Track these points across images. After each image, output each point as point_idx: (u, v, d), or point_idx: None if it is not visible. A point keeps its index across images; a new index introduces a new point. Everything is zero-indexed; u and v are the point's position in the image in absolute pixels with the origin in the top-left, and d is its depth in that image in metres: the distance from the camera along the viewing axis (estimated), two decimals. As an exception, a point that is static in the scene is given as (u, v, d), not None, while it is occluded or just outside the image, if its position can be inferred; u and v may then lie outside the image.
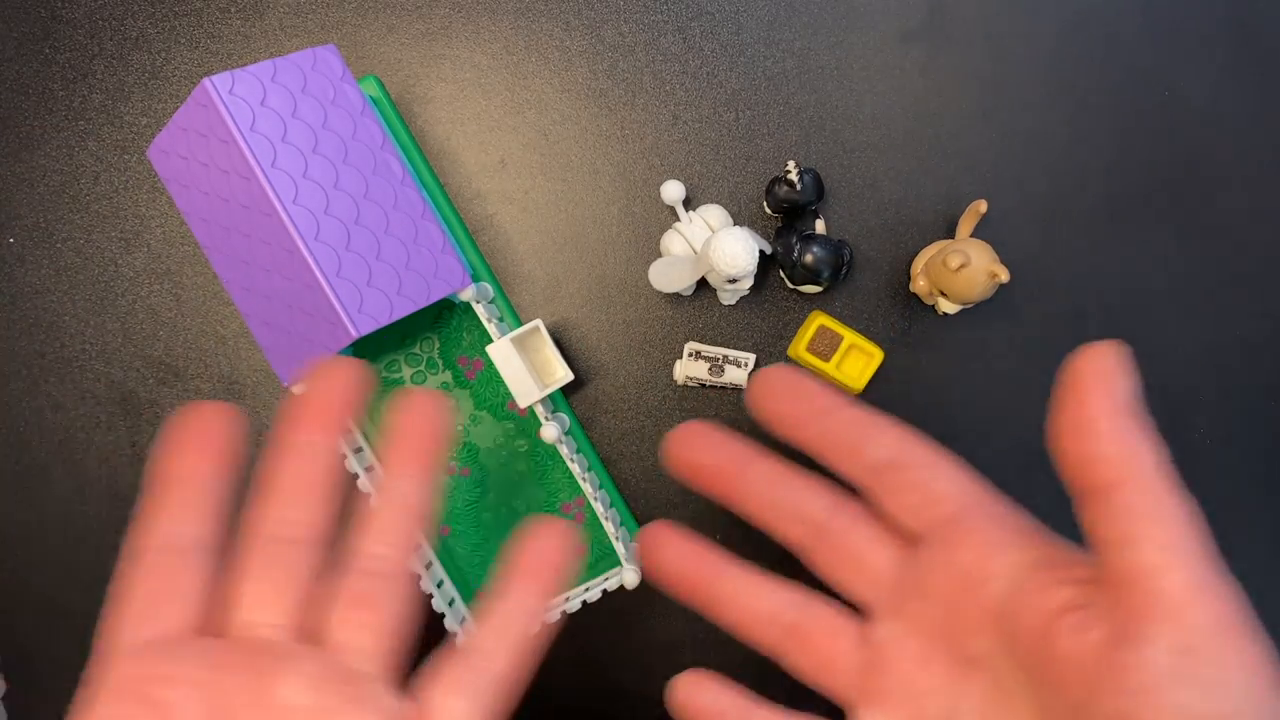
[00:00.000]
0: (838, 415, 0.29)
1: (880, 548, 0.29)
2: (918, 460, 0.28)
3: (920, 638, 0.28)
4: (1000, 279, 0.38)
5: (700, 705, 0.31)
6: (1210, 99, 0.43)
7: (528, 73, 0.43)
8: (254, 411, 0.44)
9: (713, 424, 0.30)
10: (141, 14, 0.44)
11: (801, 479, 0.30)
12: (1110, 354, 0.25)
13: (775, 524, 0.30)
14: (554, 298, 0.44)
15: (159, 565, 0.27)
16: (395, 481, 0.29)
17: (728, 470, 0.30)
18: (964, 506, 0.28)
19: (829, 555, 0.30)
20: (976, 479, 0.28)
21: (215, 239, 0.37)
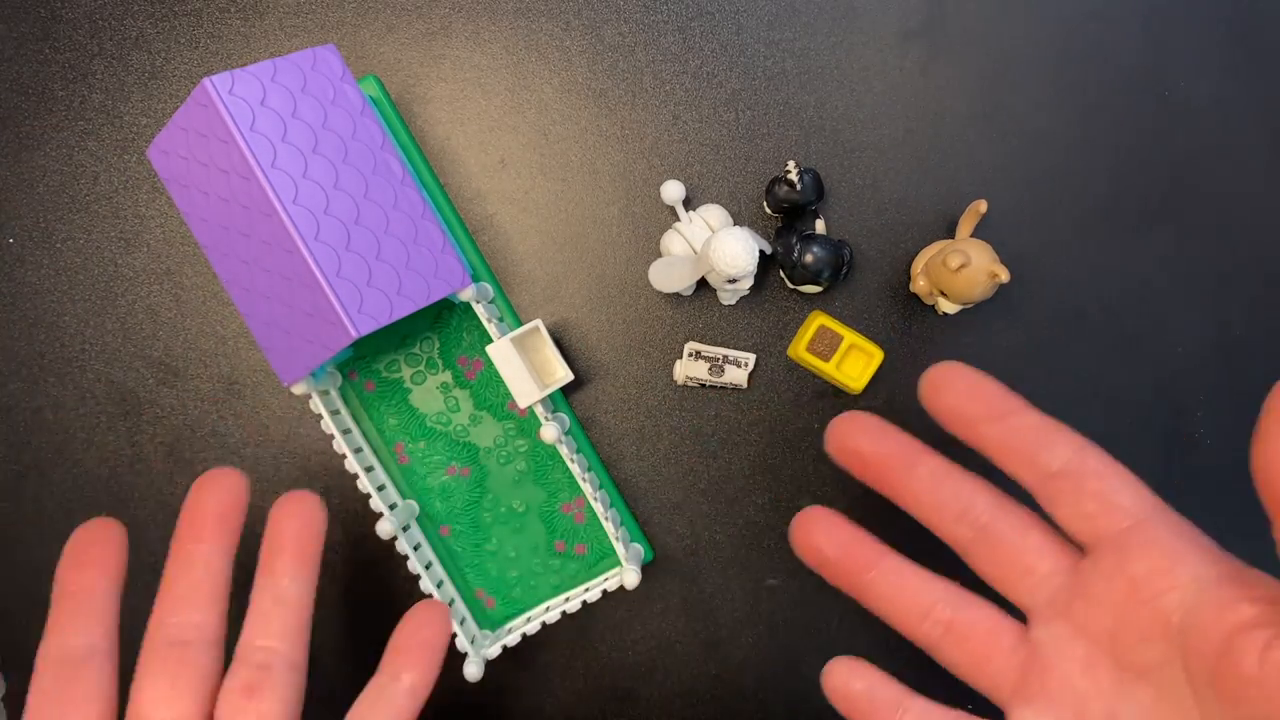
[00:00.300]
0: (1017, 419, 0.30)
1: (1046, 553, 0.30)
2: (1095, 470, 0.29)
3: (1085, 642, 0.29)
4: (1000, 279, 0.38)
5: (854, 691, 0.32)
6: (1210, 99, 0.43)
7: (528, 73, 0.44)
8: (254, 411, 0.44)
9: (875, 416, 0.31)
10: (141, 14, 0.44)
11: (968, 479, 0.31)
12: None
13: (939, 523, 0.31)
14: (554, 298, 0.44)
15: (59, 675, 0.31)
16: (277, 580, 0.33)
17: (895, 464, 0.31)
18: (1141, 518, 0.28)
19: (992, 556, 0.30)
20: (1151, 491, 0.29)
21: (215, 239, 0.37)
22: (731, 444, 0.44)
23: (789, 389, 0.43)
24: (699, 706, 0.44)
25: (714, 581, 0.44)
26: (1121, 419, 0.44)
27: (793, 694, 0.44)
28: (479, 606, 0.43)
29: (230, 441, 0.44)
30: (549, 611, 0.41)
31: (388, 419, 0.43)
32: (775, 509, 0.44)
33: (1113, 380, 0.43)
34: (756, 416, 0.44)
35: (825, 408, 0.43)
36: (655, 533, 0.44)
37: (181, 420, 0.44)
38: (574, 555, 0.43)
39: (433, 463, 0.43)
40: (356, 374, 0.43)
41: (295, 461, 0.44)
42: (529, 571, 0.43)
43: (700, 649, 0.44)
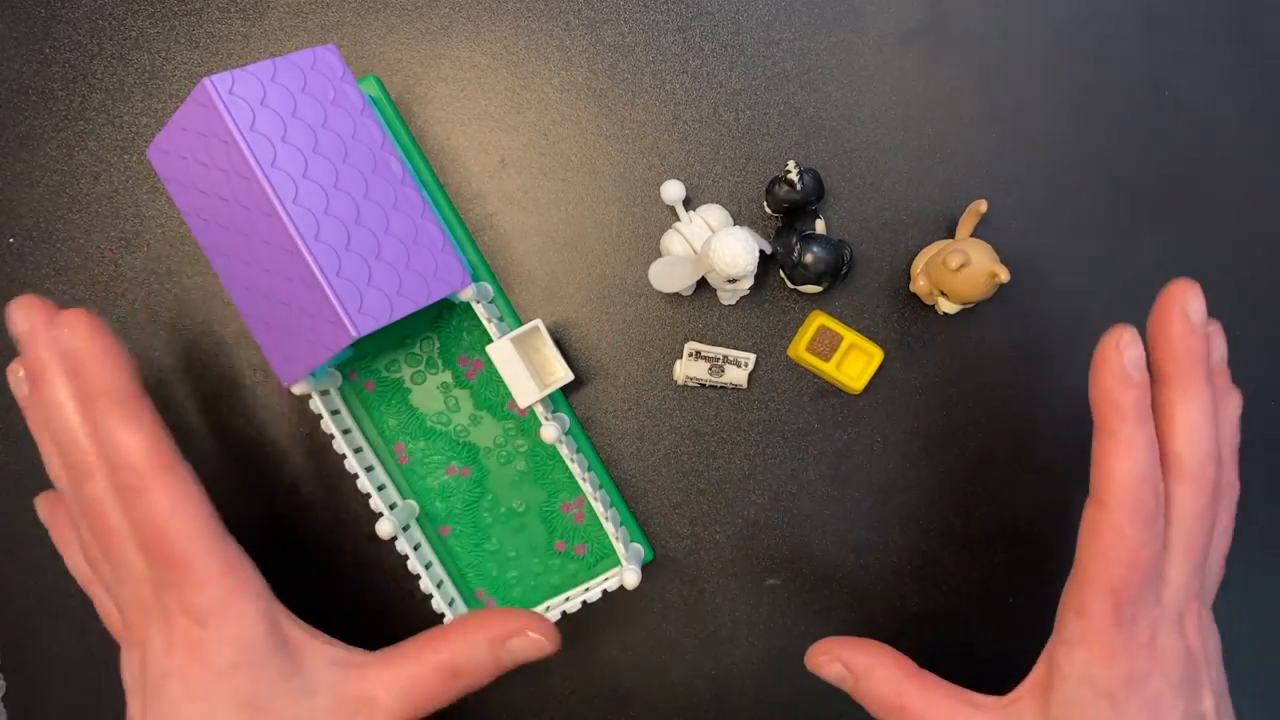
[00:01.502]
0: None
1: None
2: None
3: None
4: (1000, 279, 0.38)
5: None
6: (1210, 99, 0.43)
7: (528, 73, 0.44)
8: (254, 411, 0.44)
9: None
10: (141, 14, 0.44)
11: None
12: None
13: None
14: (554, 298, 0.44)
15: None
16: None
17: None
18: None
19: None
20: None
21: (215, 239, 0.37)
22: (731, 444, 0.44)
23: (789, 389, 0.43)
24: (699, 706, 0.44)
25: (714, 581, 0.44)
26: (1121, 419, 0.43)
27: (793, 694, 0.44)
28: (479, 606, 0.43)
29: (230, 441, 0.44)
30: (549, 611, 0.41)
31: (388, 419, 0.43)
32: (775, 509, 0.44)
33: (1113, 380, 0.43)
34: (756, 416, 0.44)
35: (825, 408, 0.43)
36: (655, 533, 0.44)
37: (182, 420, 0.44)
38: (574, 555, 0.43)
39: (433, 463, 0.43)
40: (356, 374, 0.43)
41: (295, 461, 0.44)
42: (529, 571, 0.43)
43: (700, 649, 0.44)
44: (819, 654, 0.36)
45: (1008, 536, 0.44)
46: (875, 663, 0.35)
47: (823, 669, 0.36)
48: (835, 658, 0.36)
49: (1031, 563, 0.44)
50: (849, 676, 0.35)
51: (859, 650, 0.36)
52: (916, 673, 0.35)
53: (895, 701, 0.34)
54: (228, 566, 0.33)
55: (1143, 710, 0.31)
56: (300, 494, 0.44)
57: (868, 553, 0.44)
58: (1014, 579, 0.44)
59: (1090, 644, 0.31)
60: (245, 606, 0.33)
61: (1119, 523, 0.30)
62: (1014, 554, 0.44)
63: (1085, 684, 0.31)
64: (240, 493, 0.44)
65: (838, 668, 0.36)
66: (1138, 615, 0.31)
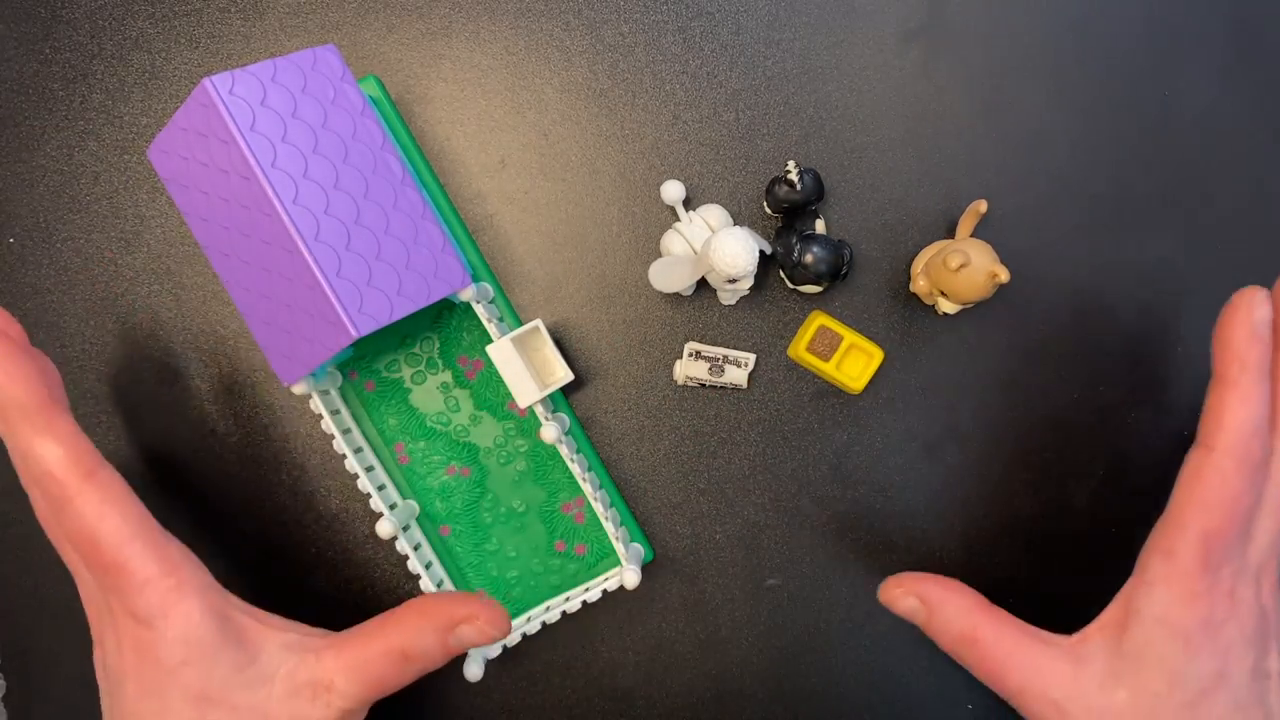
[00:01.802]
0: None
1: None
2: None
3: None
4: (1000, 279, 0.38)
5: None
6: (1210, 99, 0.43)
7: (528, 73, 0.44)
8: (254, 411, 0.44)
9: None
10: (141, 14, 0.44)
11: None
12: None
13: None
14: (554, 298, 0.44)
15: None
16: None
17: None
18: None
19: None
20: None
21: (215, 239, 0.37)
22: (731, 444, 0.44)
23: (789, 389, 0.43)
24: (699, 706, 0.44)
25: (714, 581, 0.44)
26: (1122, 419, 0.44)
27: (793, 694, 0.44)
28: (479, 606, 0.43)
29: (230, 441, 0.44)
30: (549, 611, 0.41)
31: (388, 419, 0.43)
32: (775, 509, 0.44)
33: (1113, 380, 0.43)
34: (756, 416, 0.44)
35: (825, 408, 0.43)
36: (655, 533, 0.44)
37: (181, 420, 0.44)
38: (574, 555, 0.43)
39: (433, 463, 0.43)
40: (356, 374, 0.43)
41: (295, 461, 0.44)
42: (529, 571, 0.43)
43: (700, 649, 0.44)
44: (894, 587, 0.37)
45: (1008, 536, 0.44)
46: (949, 596, 0.36)
47: (897, 602, 0.37)
48: (910, 591, 0.36)
49: (1031, 563, 0.44)
50: (922, 609, 0.36)
51: (934, 584, 0.36)
52: (988, 606, 0.36)
53: (969, 634, 0.35)
54: (166, 566, 0.33)
55: (1214, 656, 0.32)
56: (300, 494, 0.44)
57: (868, 552, 0.44)
58: (1014, 579, 0.44)
59: (1173, 585, 0.32)
60: (189, 605, 0.33)
61: (1224, 469, 0.31)
62: (1014, 554, 0.44)
63: (1162, 624, 0.32)
64: (240, 493, 0.44)
65: (912, 601, 0.36)
66: (1224, 563, 0.32)
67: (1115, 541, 0.44)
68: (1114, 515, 0.44)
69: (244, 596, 0.43)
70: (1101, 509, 0.44)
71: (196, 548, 0.42)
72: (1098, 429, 0.43)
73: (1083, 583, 0.44)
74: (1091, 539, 0.44)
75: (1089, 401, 0.43)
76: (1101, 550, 0.44)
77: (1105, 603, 0.35)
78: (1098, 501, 0.44)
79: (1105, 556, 0.43)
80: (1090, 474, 0.44)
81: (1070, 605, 0.43)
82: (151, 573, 0.32)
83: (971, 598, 0.36)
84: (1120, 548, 0.44)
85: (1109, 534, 0.44)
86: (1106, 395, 0.43)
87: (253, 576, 0.44)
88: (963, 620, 0.35)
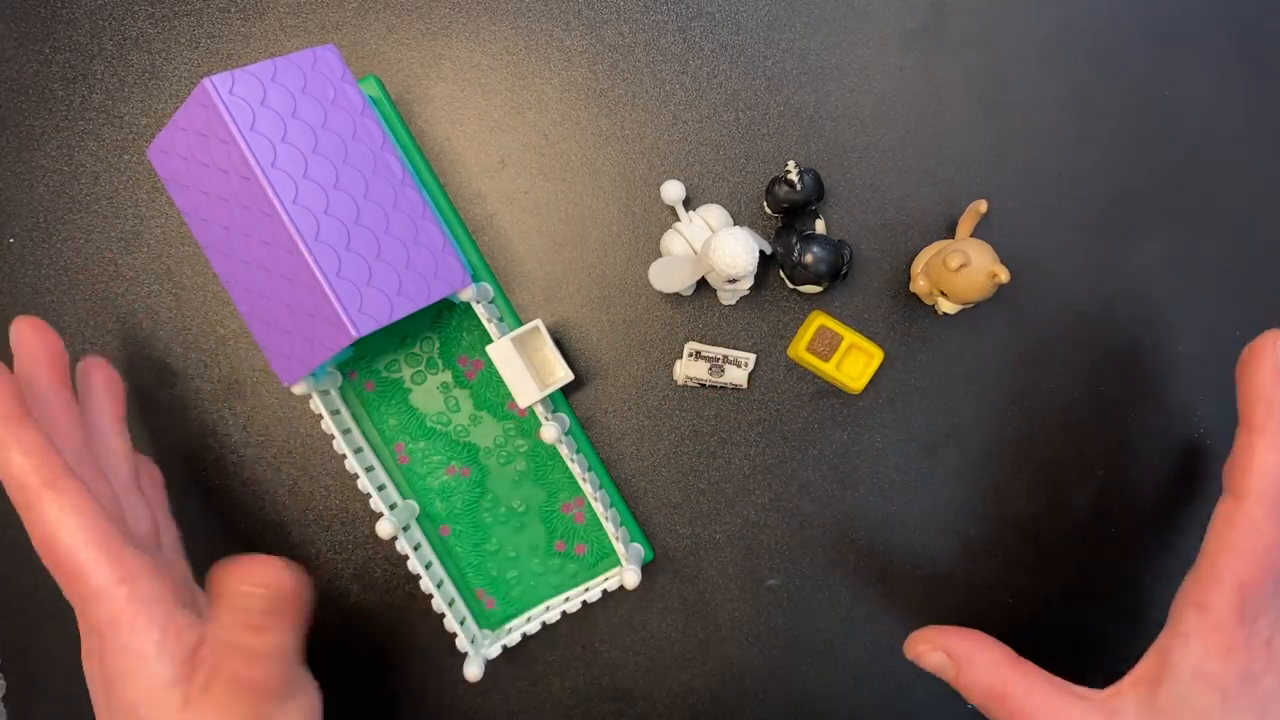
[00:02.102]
0: None
1: None
2: None
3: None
4: (1000, 279, 0.38)
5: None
6: (1210, 99, 0.43)
7: (528, 73, 0.44)
8: (254, 411, 0.44)
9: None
10: (141, 14, 0.44)
11: None
12: None
13: None
14: (554, 298, 0.44)
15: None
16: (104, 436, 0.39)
17: None
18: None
19: None
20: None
21: (215, 239, 0.37)
22: (731, 444, 0.44)
23: (789, 389, 0.43)
24: (699, 706, 0.44)
25: (714, 581, 0.44)
26: (1122, 419, 0.44)
27: (792, 694, 0.44)
28: (479, 606, 0.43)
29: (230, 441, 0.44)
30: (549, 611, 0.41)
31: (388, 419, 0.43)
32: (775, 509, 0.44)
33: (1113, 380, 0.43)
34: (756, 416, 0.44)
35: (825, 408, 0.43)
36: (655, 533, 0.44)
37: (181, 420, 0.44)
38: (574, 555, 0.43)
39: (433, 463, 0.43)
40: (356, 374, 0.43)
41: (295, 461, 0.44)
42: (529, 571, 0.43)
43: (700, 649, 0.44)
44: (921, 643, 0.36)
45: (1008, 536, 0.44)
46: (977, 651, 0.35)
47: (924, 658, 0.36)
48: (937, 646, 0.36)
49: (1031, 563, 0.44)
50: (950, 666, 0.36)
51: (961, 639, 0.36)
52: (1018, 661, 0.35)
53: (999, 689, 0.34)
54: (120, 575, 0.33)
55: (1253, 709, 0.31)
56: (300, 494, 0.44)
57: (868, 553, 0.44)
58: (1013, 579, 0.44)
59: (1208, 638, 0.31)
60: (137, 617, 0.33)
61: (1256, 518, 0.30)
62: (1014, 554, 0.44)
63: (1199, 678, 0.31)
64: (240, 493, 0.44)
65: (940, 656, 0.36)
66: (1260, 614, 0.31)
67: (1115, 541, 0.44)
68: (1114, 515, 0.44)
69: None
70: (1101, 509, 0.44)
71: (195, 548, 0.42)
72: (1098, 429, 0.43)
73: (1082, 583, 0.44)
74: (1091, 539, 0.44)
75: (1089, 401, 0.43)
76: (1101, 550, 0.44)
77: (1105, 604, 0.35)
78: (1098, 501, 0.44)
79: (1105, 556, 0.43)
80: (1090, 474, 0.44)
81: (1070, 606, 0.43)
82: (104, 581, 0.32)
83: (999, 651, 0.35)
84: (1120, 548, 0.44)
85: (1109, 534, 0.44)
86: (1106, 395, 0.43)
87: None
88: (991, 675, 0.34)
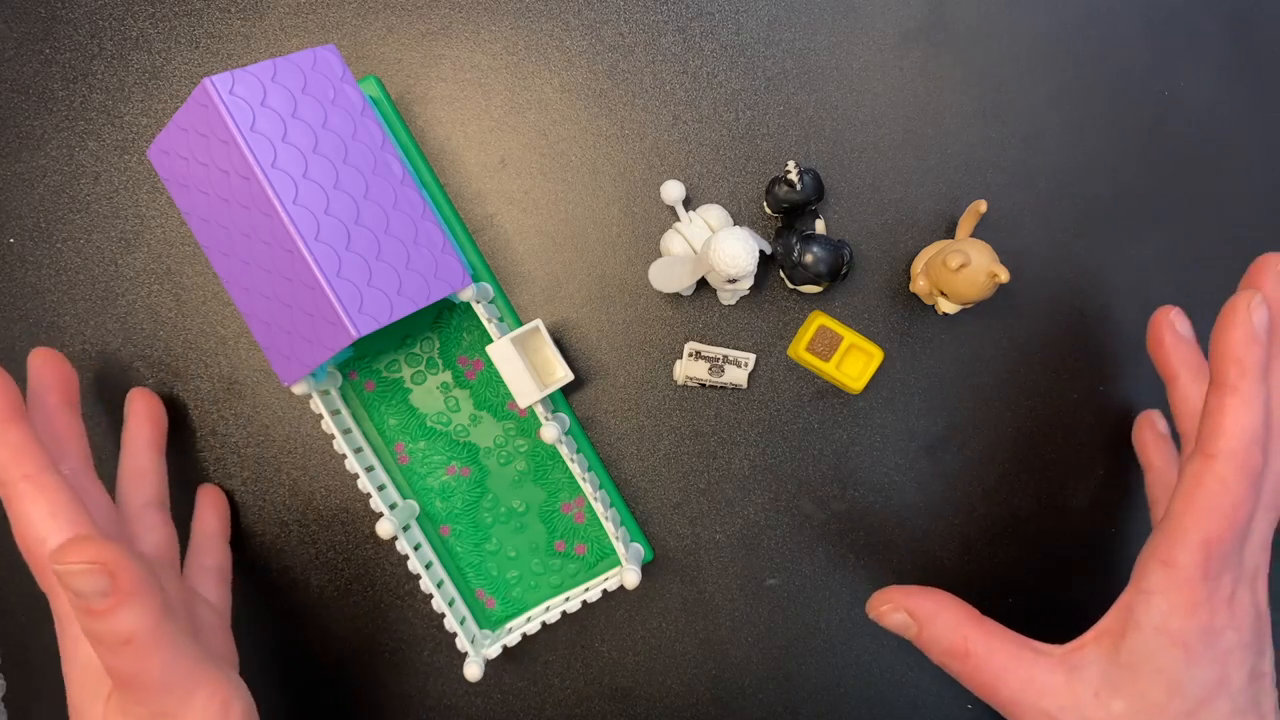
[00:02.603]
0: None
1: None
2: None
3: None
4: (1000, 279, 0.38)
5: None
6: (1210, 99, 0.43)
7: (528, 73, 0.44)
8: (254, 411, 0.44)
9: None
10: (142, 14, 0.44)
11: None
12: None
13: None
14: (554, 298, 0.44)
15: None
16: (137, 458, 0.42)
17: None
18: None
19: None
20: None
21: (215, 239, 0.37)
22: (731, 444, 0.44)
23: (789, 389, 0.43)
24: (699, 706, 0.44)
25: (714, 581, 0.44)
26: (1121, 419, 0.44)
27: (793, 694, 0.44)
28: (479, 606, 0.43)
29: (230, 441, 0.44)
30: (549, 611, 0.41)
31: (388, 419, 0.43)
32: (775, 509, 0.44)
33: (1113, 380, 0.43)
34: (756, 416, 0.44)
35: (825, 408, 0.43)
36: (655, 533, 0.44)
37: (182, 420, 0.44)
38: (574, 555, 0.43)
39: (433, 463, 0.43)
40: (356, 374, 0.43)
41: (295, 461, 0.44)
42: (529, 571, 0.43)
43: (700, 649, 0.44)
44: (882, 603, 0.36)
45: (1008, 536, 0.44)
46: (938, 610, 0.35)
47: (885, 618, 0.36)
48: (898, 606, 0.36)
49: (1031, 563, 0.44)
50: (912, 624, 0.36)
51: (923, 597, 0.36)
52: (980, 619, 0.35)
53: (960, 646, 0.34)
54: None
55: (1214, 663, 0.31)
56: (300, 494, 0.44)
57: (868, 553, 0.44)
58: (1014, 579, 0.44)
59: (1172, 595, 0.31)
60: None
61: (1225, 477, 0.31)
62: (1014, 554, 0.44)
63: (1162, 633, 0.32)
64: (240, 493, 0.44)
65: (901, 616, 0.36)
66: (1224, 571, 0.31)
67: (1115, 541, 0.44)
68: (1114, 515, 0.44)
69: (242, 597, 0.43)
70: (1101, 509, 0.44)
71: (196, 548, 0.42)
72: (1098, 429, 0.43)
73: (1082, 583, 0.44)
74: (1091, 539, 0.44)
75: (1089, 401, 0.43)
76: (1101, 550, 0.44)
77: (1105, 603, 0.35)
78: (1098, 501, 0.44)
79: (1105, 556, 0.43)
80: (1090, 474, 0.44)
81: (1070, 606, 0.43)
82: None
83: (961, 610, 0.35)
84: (1120, 548, 0.44)
85: (1109, 534, 0.44)
86: (1106, 395, 0.43)
87: (252, 577, 0.44)
88: (954, 634, 0.35)
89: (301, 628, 0.44)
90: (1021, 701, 0.33)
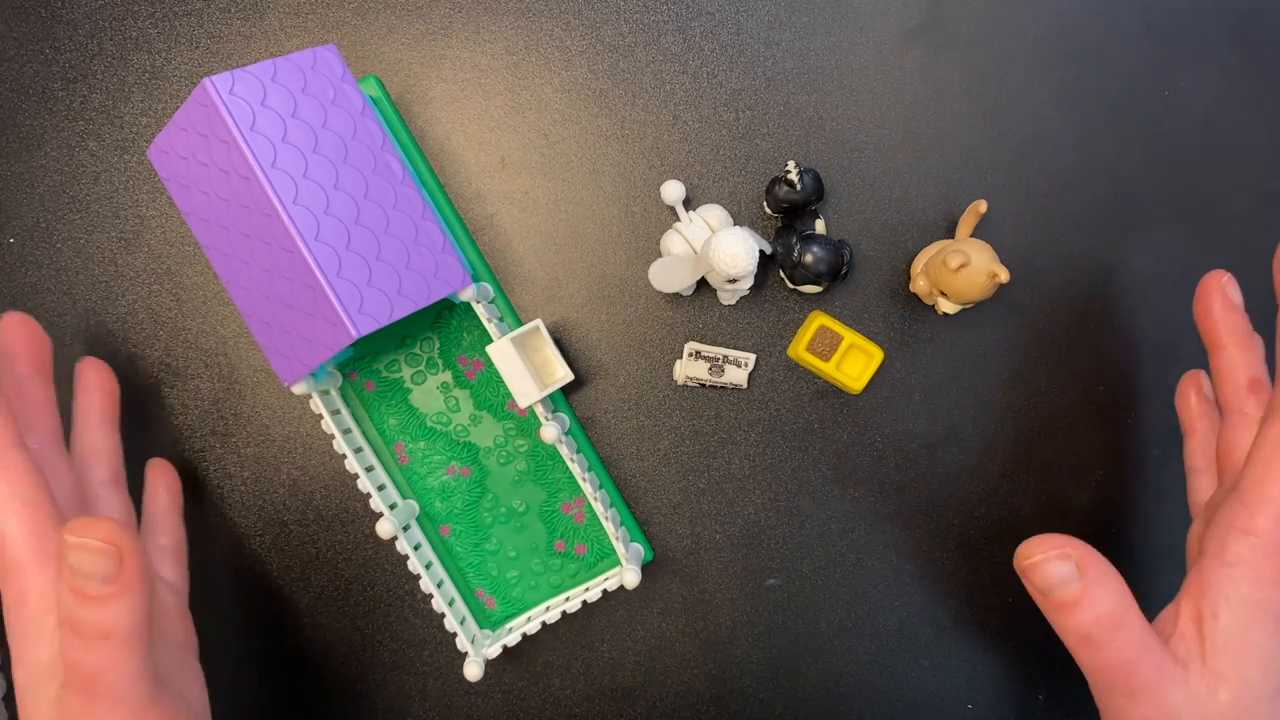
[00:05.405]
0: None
1: None
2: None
3: None
4: (1000, 279, 0.38)
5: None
6: (1210, 99, 0.43)
7: (528, 73, 0.44)
8: (254, 411, 0.44)
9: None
10: (142, 14, 0.44)
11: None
12: None
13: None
14: (554, 298, 0.44)
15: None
16: (90, 431, 0.40)
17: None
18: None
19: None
20: None
21: (215, 239, 0.37)
22: (731, 444, 0.44)
23: (789, 389, 0.43)
24: (699, 706, 0.44)
25: (714, 581, 0.44)
26: (1121, 419, 0.44)
27: (793, 694, 0.44)
28: (479, 606, 0.43)
29: (230, 441, 0.44)
30: (549, 611, 0.41)
31: (388, 419, 0.43)
32: (775, 509, 0.44)
33: (1112, 380, 0.43)
34: (756, 416, 0.44)
35: (825, 408, 0.43)
36: (655, 533, 0.44)
37: (182, 420, 0.44)
38: (574, 555, 0.43)
39: (433, 463, 0.43)
40: (356, 374, 0.43)
41: (295, 461, 0.44)
42: (529, 571, 0.43)
43: (700, 649, 0.44)
44: (1040, 550, 0.31)
45: (1008, 536, 0.44)
46: (1107, 570, 0.31)
47: (1044, 565, 0.31)
48: (1067, 555, 0.31)
49: (1031, 563, 0.44)
50: (1077, 579, 0.31)
51: (1093, 553, 0.31)
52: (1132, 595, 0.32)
53: (1118, 616, 0.31)
54: (42, 556, 0.32)
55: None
56: (300, 494, 0.44)
57: (868, 552, 0.44)
58: (1014, 579, 0.44)
59: (1260, 565, 0.30)
60: (44, 600, 0.33)
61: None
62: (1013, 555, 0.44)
63: (1255, 606, 0.30)
64: (240, 493, 0.44)
65: (1069, 566, 0.31)
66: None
67: (1114, 541, 0.44)
68: (1114, 515, 0.44)
69: (243, 597, 0.43)
70: (1101, 509, 0.44)
71: (195, 549, 0.42)
72: (1098, 429, 0.43)
73: (1083, 583, 0.44)
74: (1091, 539, 0.44)
75: (1088, 401, 0.43)
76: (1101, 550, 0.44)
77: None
78: (1098, 501, 0.44)
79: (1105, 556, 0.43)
80: (1090, 474, 0.44)
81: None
82: (22, 556, 0.32)
83: (1122, 580, 0.31)
84: (1119, 547, 0.44)
85: (1108, 534, 0.44)
86: (1106, 395, 0.43)
87: (252, 577, 0.44)
88: (1114, 601, 0.31)
89: (302, 627, 0.44)
90: (1150, 692, 0.30)
